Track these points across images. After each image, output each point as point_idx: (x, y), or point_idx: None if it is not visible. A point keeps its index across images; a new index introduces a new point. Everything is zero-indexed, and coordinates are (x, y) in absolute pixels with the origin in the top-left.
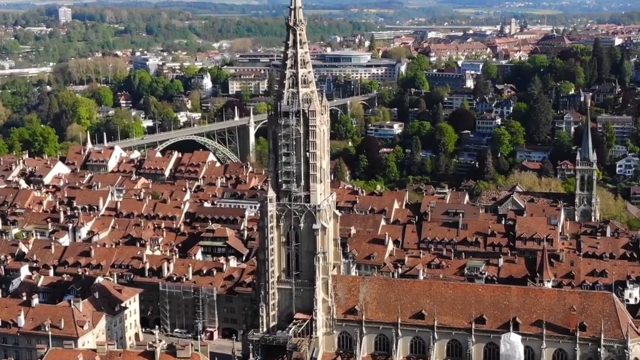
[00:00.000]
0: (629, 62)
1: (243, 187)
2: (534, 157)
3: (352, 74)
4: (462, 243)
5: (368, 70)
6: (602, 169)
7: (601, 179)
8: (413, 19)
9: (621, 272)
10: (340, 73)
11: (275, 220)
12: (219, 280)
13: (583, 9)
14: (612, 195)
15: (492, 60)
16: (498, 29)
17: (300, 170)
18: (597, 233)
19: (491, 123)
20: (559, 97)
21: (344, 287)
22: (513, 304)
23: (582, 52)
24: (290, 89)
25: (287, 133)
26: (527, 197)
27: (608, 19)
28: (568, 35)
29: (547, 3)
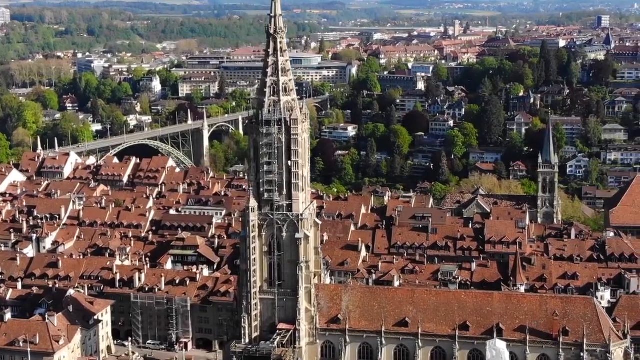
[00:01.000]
0: (575, 64)
1: (206, 193)
2: (487, 159)
3: (304, 77)
4: (433, 247)
5: (319, 73)
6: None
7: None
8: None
9: (592, 275)
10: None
11: (257, 230)
12: (193, 290)
13: (521, 10)
14: (568, 197)
15: (442, 63)
16: (442, 30)
17: (282, 179)
18: (562, 235)
19: (444, 125)
20: (509, 99)
21: (326, 296)
22: (496, 310)
23: (530, 54)
24: (271, 97)
25: (269, 142)
26: (491, 200)
27: (547, 20)
28: (512, 37)
29: (485, 4)
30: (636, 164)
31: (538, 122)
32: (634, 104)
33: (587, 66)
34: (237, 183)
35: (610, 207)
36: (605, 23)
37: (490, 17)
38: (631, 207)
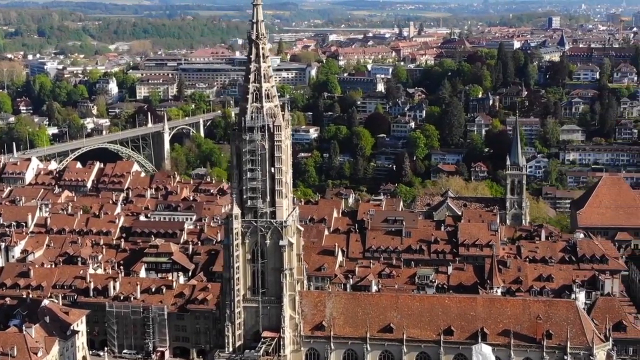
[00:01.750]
0: (532, 65)
1: (175, 199)
2: (448, 160)
3: None
4: (407, 251)
5: (278, 74)
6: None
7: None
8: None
9: (566, 277)
10: None
11: (241, 238)
12: (169, 298)
13: (471, 12)
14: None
15: (400, 64)
16: (396, 31)
17: (265, 185)
18: (532, 237)
19: (405, 127)
20: (469, 101)
21: (309, 302)
22: (480, 315)
23: (487, 55)
24: (254, 103)
25: (252, 148)
26: (460, 202)
27: (498, 21)
28: (467, 39)
29: (436, 5)
30: (594, 164)
31: (498, 124)
32: (591, 105)
33: (543, 68)
34: (204, 187)
35: (577, 208)
36: (555, 24)
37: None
38: (598, 208)
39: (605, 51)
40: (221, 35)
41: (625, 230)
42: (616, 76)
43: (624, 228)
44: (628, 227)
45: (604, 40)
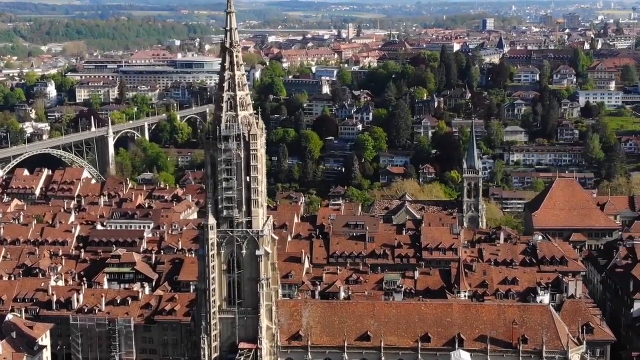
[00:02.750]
0: (475, 68)
1: (130, 206)
2: (397, 162)
3: (207, 81)
4: (371, 256)
5: None
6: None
7: (460, 181)
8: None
9: (531, 280)
10: (194, 80)
11: (216, 248)
12: (136, 309)
13: (405, 13)
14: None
15: (345, 67)
16: (335, 33)
17: (241, 195)
18: (492, 240)
19: (353, 129)
20: (414, 103)
21: (286, 312)
22: (456, 321)
23: (430, 58)
24: (228, 112)
25: (228, 158)
26: (418, 206)
27: (433, 23)
28: (407, 41)
29: (370, 7)
30: (538, 164)
31: (444, 126)
32: (533, 107)
33: (485, 70)
34: (158, 194)
35: (532, 210)
36: (490, 26)
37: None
38: (553, 210)
39: (544, 53)
40: (157, 36)
41: (579, 232)
42: (556, 78)
43: (578, 229)
44: (582, 228)
45: (541, 43)
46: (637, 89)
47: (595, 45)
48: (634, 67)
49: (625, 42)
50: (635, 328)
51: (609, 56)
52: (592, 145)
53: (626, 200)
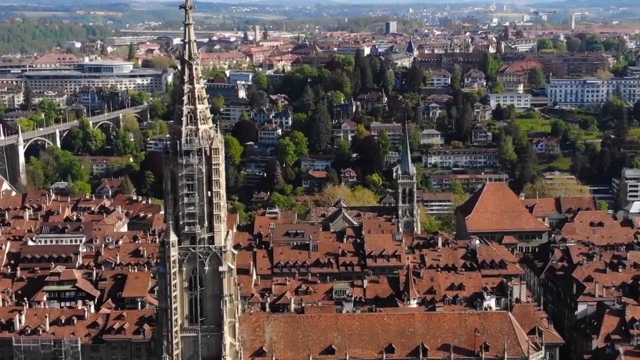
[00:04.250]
0: (389, 71)
1: (57, 219)
2: (318, 166)
3: (117, 85)
4: (316, 265)
5: (133, 81)
6: (381, 174)
7: (381, 184)
8: (144, 22)
9: (476, 284)
10: (104, 84)
11: (178, 265)
12: (82, 329)
13: (305, 15)
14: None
15: (259, 70)
16: (241, 35)
17: (203, 210)
18: (429, 245)
19: (273, 134)
20: (332, 107)
21: (248, 328)
22: (419, 330)
23: (344, 62)
24: (188, 126)
25: (190, 173)
26: (354, 212)
27: (336, 25)
28: (317, 44)
29: (270, 8)
30: (454, 166)
31: (363, 129)
32: (447, 110)
33: (399, 74)
34: (84, 205)
35: (464, 214)
36: (393, 29)
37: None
38: (484, 214)
39: (454, 57)
40: (55, 37)
41: (511, 234)
42: (467, 81)
43: (509, 232)
44: (513, 230)
45: (446, 46)
46: (544, 91)
47: (500, 48)
48: (540, 69)
49: (526, 44)
50: (579, 329)
51: (515, 59)
52: (505, 147)
53: (552, 202)
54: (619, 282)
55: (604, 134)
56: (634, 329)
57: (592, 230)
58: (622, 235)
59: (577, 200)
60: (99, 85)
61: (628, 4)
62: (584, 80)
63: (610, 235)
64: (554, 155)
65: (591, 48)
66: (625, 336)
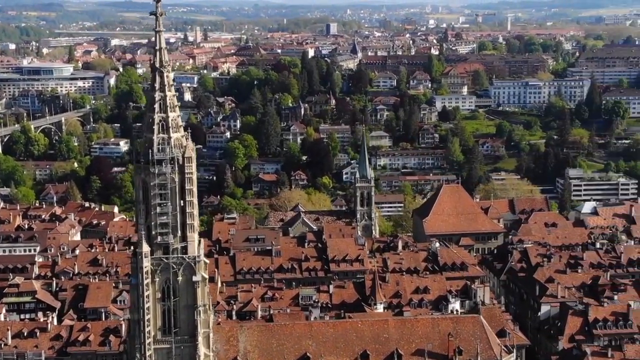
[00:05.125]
0: (337, 74)
1: (8, 228)
2: (268, 169)
3: (58, 88)
4: (279, 271)
5: (74, 84)
6: (331, 177)
7: (331, 187)
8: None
9: (441, 287)
10: (44, 87)
11: (150, 276)
12: (45, 341)
13: (243, 15)
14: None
15: (204, 72)
16: (181, 36)
17: (176, 220)
18: (389, 248)
19: (222, 137)
20: (281, 109)
21: (221, 338)
22: (393, 336)
23: (290, 64)
24: (160, 134)
25: (162, 182)
26: (313, 216)
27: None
28: (261, 46)
29: (207, 9)
30: (403, 168)
31: (312, 132)
32: (394, 112)
33: (345, 76)
34: (34, 213)
35: (421, 217)
36: (333, 30)
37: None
38: (441, 216)
39: (398, 59)
40: None
41: (467, 236)
42: (412, 83)
43: (466, 234)
44: (470, 232)
45: (389, 48)
46: (488, 92)
47: (443, 50)
48: (482, 71)
49: (466, 46)
50: (543, 330)
51: (457, 61)
52: (452, 148)
53: (506, 203)
54: (579, 282)
55: (547, 135)
56: (597, 329)
57: (547, 231)
58: (576, 236)
59: (530, 202)
60: (38, 89)
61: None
62: (526, 81)
63: (564, 236)
64: (500, 155)
65: (529, 50)
66: (589, 337)
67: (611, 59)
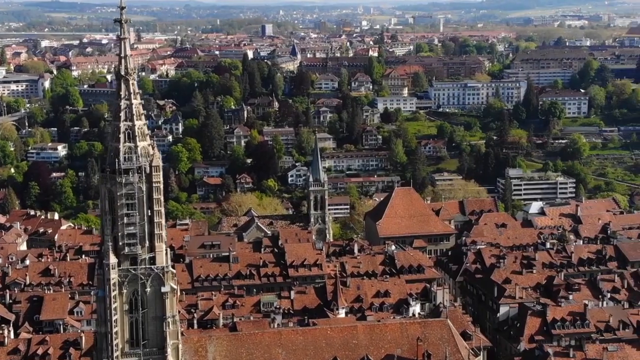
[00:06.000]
0: (278, 76)
1: None
2: (212, 173)
3: None
4: (237, 277)
5: (7, 87)
6: (277, 179)
7: (277, 189)
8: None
9: (401, 291)
10: None
11: (118, 288)
12: (2, 356)
13: (175, 16)
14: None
15: (143, 74)
16: (113, 37)
17: (144, 230)
18: (346, 252)
19: (164, 140)
20: (224, 112)
21: (190, 348)
22: (362, 342)
23: (231, 66)
24: (126, 143)
25: (130, 192)
26: (266, 221)
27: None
28: (198, 47)
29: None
30: (348, 170)
31: (256, 134)
32: (338, 113)
33: (287, 78)
34: None
35: (374, 220)
36: (269, 31)
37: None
38: (394, 219)
39: (339, 61)
40: None
41: (420, 238)
42: (354, 85)
43: (419, 236)
44: (422, 234)
45: (327, 49)
46: (428, 94)
47: (381, 52)
48: (422, 73)
49: (402, 48)
50: (502, 331)
51: (397, 63)
52: (395, 150)
53: (456, 204)
54: (534, 283)
55: (486, 135)
56: (556, 329)
57: (499, 232)
58: (526, 236)
59: (480, 203)
60: None
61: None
62: (465, 83)
63: (515, 237)
64: (442, 156)
65: (464, 51)
66: (547, 337)
67: (545, 60)
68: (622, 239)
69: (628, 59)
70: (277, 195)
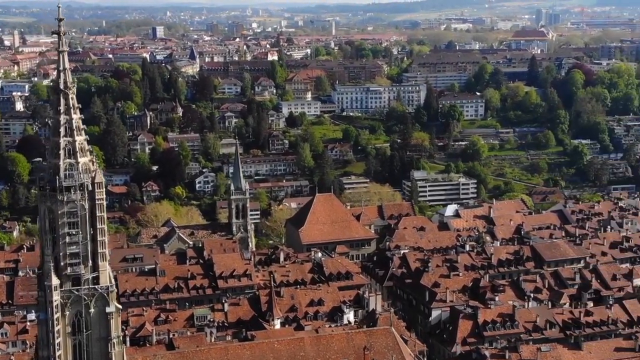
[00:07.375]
0: (181, 80)
1: None
2: (116, 181)
3: None
4: (165, 291)
5: None
6: (184, 186)
7: (185, 196)
8: None
9: (334, 298)
10: None
11: (60, 310)
12: None
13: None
14: None
15: (36, 80)
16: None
17: (86, 249)
18: (272, 261)
19: None
20: (125, 118)
21: None
22: (309, 354)
23: (130, 70)
24: (67, 159)
25: (72, 210)
26: (187, 231)
27: (97, 28)
28: (90, 50)
29: (17, 10)
30: (256, 175)
31: (161, 141)
32: (243, 118)
33: (189, 83)
34: None
35: (296, 227)
36: (160, 34)
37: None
38: (316, 225)
39: (241, 65)
40: None
41: (342, 243)
42: (258, 89)
43: (341, 241)
44: (344, 240)
45: (225, 53)
46: (331, 98)
47: (282, 56)
48: (325, 77)
49: (299, 51)
50: (435, 335)
51: (298, 67)
52: (303, 154)
53: (375, 209)
54: (461, 285)
55: (390, 138)
56: (488, 331)
57: (419, 235)
58: (446, 239)
59: (397, 207)
60: None
61: (374, 10)
62: (367, 87)
63: (435, 240)
64: (348, 160)
65: (361, 55)
66: (480, 339)
67: (441, 64)
68: (535, 239)
69: (519, 62)
70: (185, 203)
